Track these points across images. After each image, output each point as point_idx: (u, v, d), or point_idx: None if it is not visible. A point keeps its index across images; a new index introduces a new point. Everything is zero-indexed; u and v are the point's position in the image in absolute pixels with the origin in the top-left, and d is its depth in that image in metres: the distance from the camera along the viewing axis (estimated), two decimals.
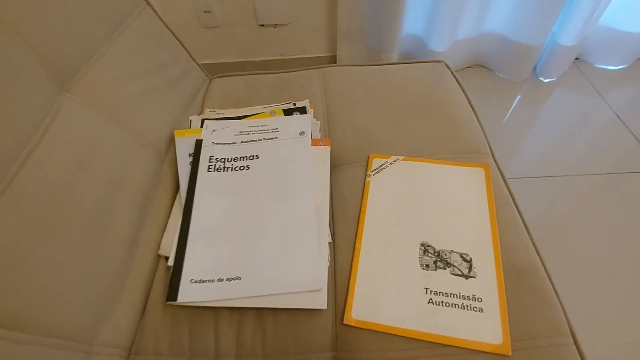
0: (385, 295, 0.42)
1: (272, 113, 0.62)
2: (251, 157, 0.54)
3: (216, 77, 0.74)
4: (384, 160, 0.55)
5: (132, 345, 0.42)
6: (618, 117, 1.10)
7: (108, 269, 0.41)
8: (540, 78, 1.22)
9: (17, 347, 0.31)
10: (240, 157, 0.54)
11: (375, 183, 0.52)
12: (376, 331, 0.40)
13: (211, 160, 0.54)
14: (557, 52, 1.14)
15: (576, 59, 1.25)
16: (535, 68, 1.23)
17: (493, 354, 0.38)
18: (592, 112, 1.12)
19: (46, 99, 0.40)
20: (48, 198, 0.36)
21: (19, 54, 0.38)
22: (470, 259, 0.44)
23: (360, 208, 0.50)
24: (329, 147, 0.55)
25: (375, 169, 0.54)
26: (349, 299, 0.42)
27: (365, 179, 0.53)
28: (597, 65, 1.25)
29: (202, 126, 0.59)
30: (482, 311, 0.40)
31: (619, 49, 1.19)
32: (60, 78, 0.43)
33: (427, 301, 0.42)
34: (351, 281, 0.44)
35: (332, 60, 1.24)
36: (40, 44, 0.40)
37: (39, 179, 0.36)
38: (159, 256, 0.48)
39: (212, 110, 0.65)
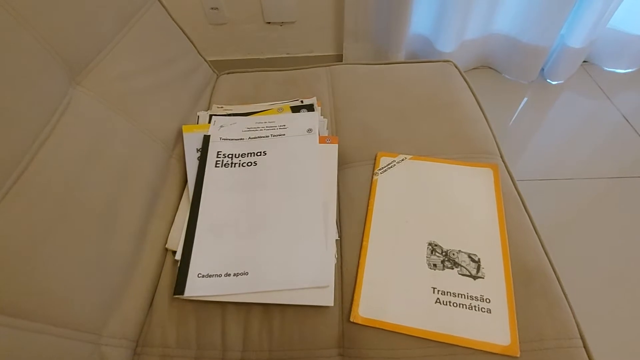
0: (392, 294, 0.42)
1: (280, 110, 0.62)
2: (258, 154, 0.54)
3: (224, 74, 0.74)
4: (392, 158, 0.54)
5: (140, 337, 0.42)
6: (626, 120, 1.09)
7: (116, 261, 0.41)
8: (547, 80, 1.22)
9: (25, 335, 0.31)
10: (248, 153, 0.54)
11: (382, 181, 0.52)
12: (383, 329, 0.40)
13: (219, 156, 0.54)
14: (565, 55, 1.13)
15: (584, 61, 1.24)
16: (542, 70, 1.22)
17: (501, 355, 0.38)
18: (600, 115, 1.11)
19: (58, 91, 0.40)
20: (58, 189, 0.36)
21: (32, 45, 0.38)
22: (479, 259, 0.44)
23: (368, 206, 0.50)
24: (337, 144, 0.55)
25: (382, 168, 0.54)
26: (355, 296, 0.42)
27: (372, 178, 0.53)
28: (605, 68, 1.24)
29: (209, 122, 0.59)
30: (490, 312, 0.40)
31: (627, 52, 1.18)
32: (72, 71, 0.43)
33: (435, 301, 0.41)
34: (358, 279, 0.43)
35: (339, 59, 1.24)
36: (52, 36, 0.40)
37: (50, 170, 0.36)
38: (167, 250, 0.48)
39: (219, 106, 0.65)
